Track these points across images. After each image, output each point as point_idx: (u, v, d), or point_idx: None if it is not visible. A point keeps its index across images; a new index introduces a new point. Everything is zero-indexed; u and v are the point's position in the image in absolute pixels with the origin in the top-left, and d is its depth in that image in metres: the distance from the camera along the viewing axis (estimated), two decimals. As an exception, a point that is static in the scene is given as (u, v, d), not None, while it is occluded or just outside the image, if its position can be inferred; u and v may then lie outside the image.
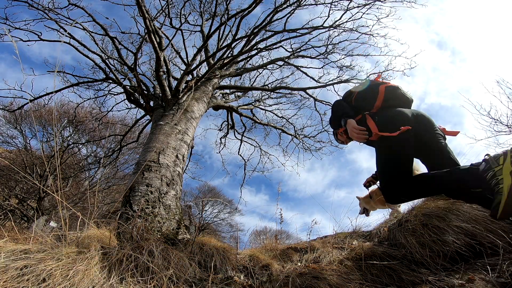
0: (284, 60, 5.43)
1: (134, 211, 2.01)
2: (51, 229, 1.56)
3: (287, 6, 5.10)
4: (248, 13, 4.42)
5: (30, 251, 1.11)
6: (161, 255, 1.36)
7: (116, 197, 9.99)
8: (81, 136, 10.21)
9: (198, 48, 4.34)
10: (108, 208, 9.26)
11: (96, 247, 1.23)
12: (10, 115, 8.97)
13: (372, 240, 1.79)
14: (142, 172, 2.37)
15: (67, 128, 9.70)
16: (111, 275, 1.12)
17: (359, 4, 4.88)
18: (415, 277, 1.28)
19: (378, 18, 5.02)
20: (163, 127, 2.98)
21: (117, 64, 5.16)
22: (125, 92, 4.09)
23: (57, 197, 1.29)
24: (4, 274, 0.94)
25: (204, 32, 5.45)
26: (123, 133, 6.20)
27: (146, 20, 3.28)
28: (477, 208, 1.48)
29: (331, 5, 4.85)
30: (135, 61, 3.63)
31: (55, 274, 0.99)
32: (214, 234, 12.09)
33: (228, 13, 5.08)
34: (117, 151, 6.68)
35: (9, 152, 9.70)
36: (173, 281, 1.27)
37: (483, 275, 1.17)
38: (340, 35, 5.46)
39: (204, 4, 5.82)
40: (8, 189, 8.48)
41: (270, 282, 1.50)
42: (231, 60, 4.75)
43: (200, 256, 1.63)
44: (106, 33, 4.23)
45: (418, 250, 1.40)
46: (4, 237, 1.22)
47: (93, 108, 8.04)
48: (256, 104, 6.45)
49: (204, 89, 4.06)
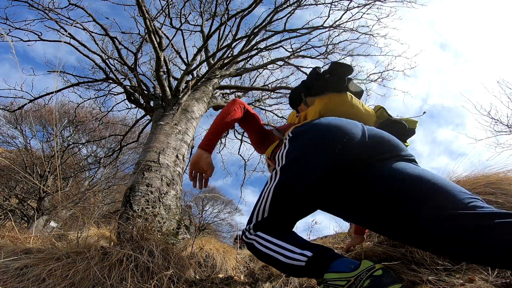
0: (284, 60, 5.43)
1: (134, 211, 2.01)
2: (51, 229, 1.57)
3: (287, 6, 5.10)
4: (248, 13, 4.42)
5: (30, 251, 1.11)
6: (161, 255, 1.36)
7: (116, 197, 10.00)
8: (81, 136, 10.22)
9: (198, 48, 4.34)
10: (108, 208, 9.26)
11: (96, 247, 1.23)
12: (10, 115, 8.98)
13: (372, 240, 1.79)
14: (142, 172, 2.37)
15: (67, 128, 9.71)
16: (111, 275, 1.12)
17: (359, 4, 4.88)
18: (415, 277, 1.28)
19: (378, 18, 5.02)
20: (163, 127, 2.98)
21: (117, 64, 5.16)
22: (125, 92, 4.09)
23: (57, 197, 1.29)
24: (4, 274, 0.94)
25: (204, 32, 5.45)
26: (123, 133, 6.19)
27: (146, 20, 3.28)
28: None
29: (331, 5, 4.85)
30: (135, 61, 3.63)
31: (55, 274, 0.99)
32: (214, 234, 12.09)
33: (228, 13, 5.08)
34: (117, 151, 6.68)
35: (9, 152, 9.71)
36: (173, 281, 1.27)
37: (483, 275, 1.16)
38: (340, 35, 5.46)
39: (204, 4, 5.82)
40: (8, 189, 8.49)
41: (270, 282, 1.50)
42: (231, 60, 4.75)
43: (200, 256, 1.63)
44: (106, 33, 4.23)
45: (418, 250, 1.40)
46: (4, 237, 1.22)
47: (93, 108, 8.07)
48: (256, 104, 6.45)
49: (204, 89, 4.06)
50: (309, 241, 0.93)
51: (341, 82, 1.17)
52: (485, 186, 1.65)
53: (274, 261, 0.92)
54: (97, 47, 4.53)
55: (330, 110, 1.16)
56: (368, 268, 0.73)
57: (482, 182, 1.69)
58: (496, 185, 1.62)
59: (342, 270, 0.76)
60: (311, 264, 0.83)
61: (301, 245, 0.89)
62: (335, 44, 5.54)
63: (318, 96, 1.21)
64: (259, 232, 0.99)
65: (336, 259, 0.81)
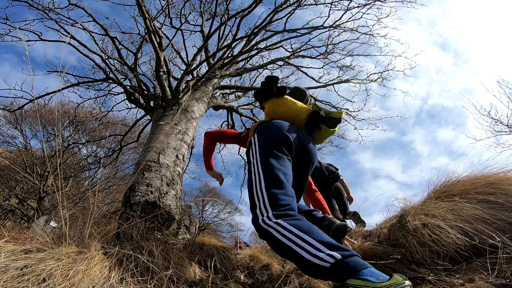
0: (284, 60, 5.43)
1: (134, 211, 2.01)
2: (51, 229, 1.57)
3: (287, 6, 5.10)
4: (248, 13, 4.42)
5: (30, 251, 1.11)
6: (161, 255, 1.36)
7: (116, 197, 9.99)
8: (81, 136, 10.22)
9: (198, 48, 4.34)
10: (108, 208, 9.25)
11: (96, 247, 1.23)
12: (10, 115, 8.98)
13: (372, 240, 1.79)
14: (142, 172, 2.37)
15: (67, 128, 9.71)
16: (111, 275, 1.12)
17: (359, 4, 4.88)
18: (415, 277, 1.28)
19: (378, 18, 5.02)
20: (163, 127, 2.98)
21: (117, 64, 5.17)
22: (125, 92, 4.09)
23: (57, 197, 1.29)
24: (4, 274, 0.94)
25: (204, 32, 5.45)
26: (123, 133, 6.20)
27: (146, 20, 3.28)
28: (478, 208, 1.48)
29: (331, 5, 4.85)
30: (135, 61, 3.63)
31: (55, 274, 0.99)
32: (214, 234, 12.07)
33: (228, 13, 5.08)
34: (117, 151, 6.68)
35: (10, 152, 9.71)
36: (173, 281, 1.27)
37: (483, 275, 1.16)
38: (340, 35, 5.47)
39: (204, 4, 5.82)
40: (8, 189, 8.48)
41: (270, 282, 1.50)
42: (231, 60, 4.75)
43: (200, 256, 1.63)
44: (107, 33, 4.23)
45: (418, 250, 1.40)
46: (4, 237, 1.22)
47: (93, 108, 8.07)
48: (256, 104, 6.44)
49: (204, 89, 4.05)
50: (334, 241, 0.92)
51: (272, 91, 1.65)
52: (485, 186, 1.64)
53: (294, 255, 0.90)
54: (97, 47, 4.54)
55: (274, 109, 1.65)
56: (398, 282, 0.74)
57: (482, 182, 1.69)
58: (496, 185, 1.62)
59: (370, 279, 0.76)
60: (337, 267, 0.82)
61: (330, 245, 0.88)
62: (335, 44, 5.54)
63: (266, 101, 1.71)
64: (280, 220, 0.98)
65: (365, 268, 0.80)
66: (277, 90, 1.65)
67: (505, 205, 1.47)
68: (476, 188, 1.65)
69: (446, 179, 1.93)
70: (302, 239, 0.90)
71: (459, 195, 1.65)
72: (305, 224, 0.98)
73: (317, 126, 1.65)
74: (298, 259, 0.89)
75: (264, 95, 1.69)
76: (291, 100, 1.65)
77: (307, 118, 1.66)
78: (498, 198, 1.52)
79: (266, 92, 1.67)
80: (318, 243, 0.88)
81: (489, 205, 1.50)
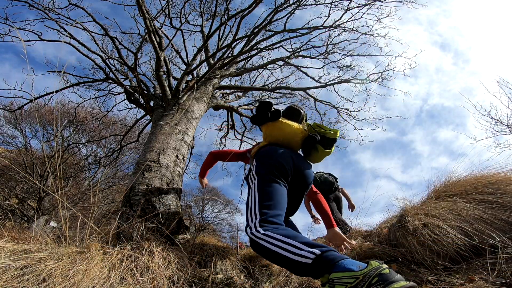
0: (284, 60, 5.43)
1: (134, 211, 2.01)
2: (51, 229, 1.57)
3: (287, 6, 5.10)
4: (248, 13, 4.42)
5: (30, 251, 1.11)
6: (161, 255, 1.36)
7: (116, 197, 9.99)
8: (81, 136, 10.22)
9: (198, 48, 4.34)
10: (108, 208, 9.25)
11: (96, 247, 1.23)
12: (10, 115, 8.98)
13: (372, 240, 1.79)
14: (142, 172, 2.37)
15: (67, 128, 9.71)
16: (111, 275, 1.12)
17: (359, 4, 4.88)
18: (415, 277, 1.28)
19: (378, 18, 5.02)
20: (163, 127, 2.98)
21: (117, 64, 5.16)
22: (125, 92, 4.09)
23: (57, 197, 1.29)
24: (4, 274, 0.94)
25: (204, 32, 5.45)
26: (123, 133, 6.19)
27: (146, 20, 3.28)
28: (478, 208, 1.48)
29: (331, 5, 4.85)
30: (135, 61, 3.63)
31: (55, 274, 0.99)
32: (214, 234, 12.06)
33: (228, 13, 5.08)
34: (117, 151, 6.67)
35: (9, 152, 9.70)
36: (173, 281, 1.27)
37: (483, 275, 1.16)
38: (340, 35, 5.46)
39: (204, 4, 5.82)
40: (8, 189, 8.48)
41: (270, 282, 1.50)
42: (231, 60, 4.75)
43: (200, 256, 1.63)
44: (106, 33, 4.23)
45: (418, 250, 1.40)
46: (4, 237, 1.22)
47: (93, 108, 8.05)
48: (256, 104, 6.44)
49: (204, 89, 4.05)
50: (315, 242, 1.02)
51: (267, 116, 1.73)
52: (485, 186, 1.64)
53: (282, 258, 1.00)
54: (97, 47, 4.53)
55: (270, 133, 1.74)
56: (376, 267, 0.81)
57: (482, 182, 1.69)
58: (496, 185, 1.62)
59: (350, 269, 0.83)
60: (318, 262, 0.91)
61: (310, 244, 0.99)
62: (335, 44, 5.54)
63: (262, 125, 1.79)
64: (268, 232, 1.11)
65: (342, 259, 0.88)
66: (272, 115, 1.73)
67: (505, 205, 1.47)
68: (476, 188, 1.65)
69: (446, 179, 1.93)
70: (287, 243, 1.02)
71: (459, 195, 1.65)
72: (290, 232, 1.11)
73: (313, 146, 1.75)
74: (285, 262, 1.00)
75: (260, 120, 1.77)
76: (286, 123, 1.73)
77: (302, 139, 1.74)
78: (498, 198, 1.52)
79: (261, 118, 1.75)
80: (300, 244, 0.99)
81: (489, 205, 1.50)
